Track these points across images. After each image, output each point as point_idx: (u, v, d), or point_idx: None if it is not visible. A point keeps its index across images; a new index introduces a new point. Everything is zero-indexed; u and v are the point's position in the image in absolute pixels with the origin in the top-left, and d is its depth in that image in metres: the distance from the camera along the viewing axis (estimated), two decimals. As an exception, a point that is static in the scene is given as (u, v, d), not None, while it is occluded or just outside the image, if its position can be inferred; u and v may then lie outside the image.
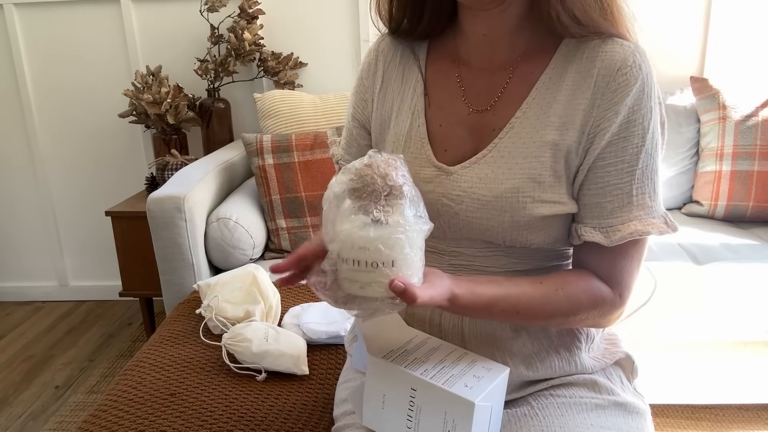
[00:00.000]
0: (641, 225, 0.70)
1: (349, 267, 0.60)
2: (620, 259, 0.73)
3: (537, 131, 0.72)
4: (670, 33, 2.17)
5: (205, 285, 1.41)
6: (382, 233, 0.59)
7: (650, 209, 0.71)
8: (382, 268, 0.58)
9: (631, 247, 0.72)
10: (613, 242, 0.70)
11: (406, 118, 0.80)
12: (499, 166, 0.72)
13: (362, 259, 0.58)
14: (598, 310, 0.73)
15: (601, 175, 0.71)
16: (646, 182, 0.71)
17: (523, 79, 0.74)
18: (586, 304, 0.72)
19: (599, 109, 0.70)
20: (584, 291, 0.72)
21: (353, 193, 0.60)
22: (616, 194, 0.71)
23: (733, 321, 1.56)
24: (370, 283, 0.59)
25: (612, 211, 0.71)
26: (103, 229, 2.53)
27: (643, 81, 0.69)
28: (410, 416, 0.67)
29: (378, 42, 0.87)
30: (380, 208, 0.59)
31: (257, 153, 1.84)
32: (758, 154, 1.86)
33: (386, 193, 0.59)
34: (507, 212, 0.72)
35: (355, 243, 0.59)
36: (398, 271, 0.59)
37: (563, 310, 0.71)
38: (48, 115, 2.49)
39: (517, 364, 0.77)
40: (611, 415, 0.76)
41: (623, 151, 0.70)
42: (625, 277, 0.73)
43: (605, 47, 0.70)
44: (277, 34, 2.31)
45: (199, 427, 0.97)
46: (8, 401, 1.96)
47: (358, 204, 0.60)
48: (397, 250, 0.59)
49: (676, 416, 1.72)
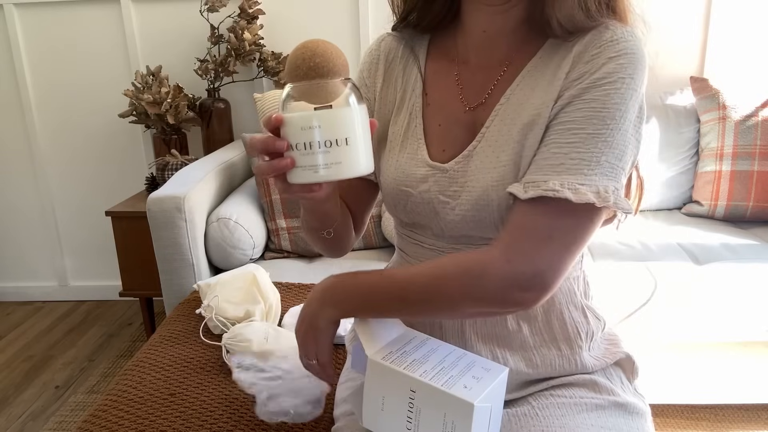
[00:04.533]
0: (560, 186, 0.64)
1: (300, 153, 0.60)
2: (528, 219, 0.65)
3: (519, 115, 0.71)
4: (670, 33, 2.17)
5: (205, 285, 1.41)
6: (330, 112, 0.60)
7: (582, 176, 0.64)
8: (336, 146, 0.59)
9: (542, 213, 0.65)
10: (527, 195, 0.65)
11: (404, 118, 0.81)
12: (488, 155, 0.72)
13: (314, 139, 0.59)
14: (468, 276, 0.65)
15: (550, 134, 0.68)
16: (590, 149, 0.65)
17: (514, 71, 0.75)
18: (451, 270, 0.67)
19: (569, 78, 0.68)
20: (453, 258, 0.69)
21: (295, 90, 0.62)
22: (554, 152, 0.66)
23: (733, 321, 1.56)
24: (328, 164, 0.60)
25: (541, 167, 0.66)
26: (103, 229, 2.53)
27: (619, 54, 0.66)
28: (410, 418, 0.68)
29: (379, 42, 0.87)
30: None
31: (257, 153, 1.84)
32: (758, 154, 1.86)
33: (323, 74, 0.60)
34: (494, 202, 0.70)
35: (304, 123, 0.59)
36: (354, 149, 0.61)
37: (429, 277, 0.67)
38: (48, 115, 2.49)
39: (517, 362, 0.77)
40: (611, 416, 0.76)
41: (576, 113, 0.66)
42: (522, 240, 0.65)
43: (593, 31, 0.69)
44: (277, 34, 2.31)
45: (199, 427, 0.97)
46: (8, 401, 1.96)
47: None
48: (348, 127, 0.60)
49: (676, 416, 1.72)
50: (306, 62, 0.60)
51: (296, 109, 0.62)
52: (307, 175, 0.61)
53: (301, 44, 0.62)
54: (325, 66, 0.60)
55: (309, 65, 0.60)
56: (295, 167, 0.61)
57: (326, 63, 0.60)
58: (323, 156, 0.60)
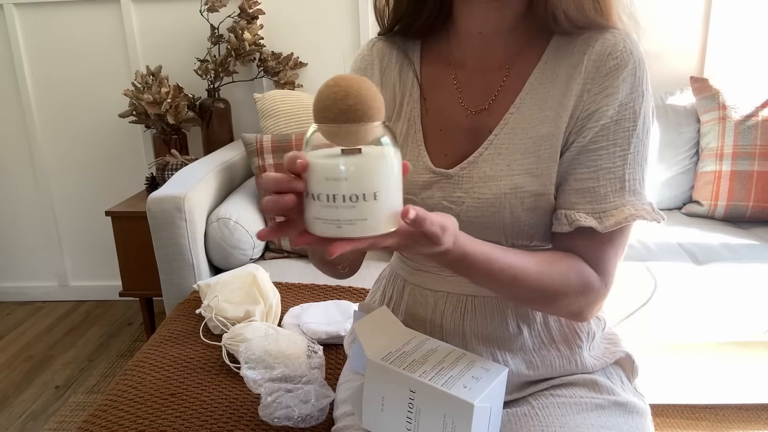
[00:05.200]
0: (634, 210, 0.69)
1: (322, 204, 0.52)
2: (608, 247, 0.71)
3: (533, 126, 0.72)
4: (670, 33, 2.17)
5: (205, 285, 1.41)
6: (360, 160, 0.52)
7: (640, 195, 0.71)
8: (363, 201, 0.52)
9: (618, 236, 0.71)
10: (606, 228, 0.69)
11: (402, 124, 0.80)
12: (497, 163, 0.72)
13: (339, 192, 0.51)
14: (585, 297, 0.71)
15: (594, 158, 0.70)
16: (636, 168, 0.70)
17: (518, 77, 0.74)
18: (575, 285, 0.70)
19: (590, 94, 0.70)
20: (577, 271, 0.70)
21: (322, 130, 0.54)
22: (609, 178, 0.70)
23: (733, 321, 1.56)
24: (352, 220, 0.52)
25: (605, 196, 0.70)
26: (103, 229, 2.53)
27: (635, 65, 0.69)
28: (410, 418, 0.68)
29: (370, 47, 0.84)
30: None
31: (257, 153, 1.84)
32: (758, 154, 1.86)
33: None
34: (506, 209, 0.71)
35: (330, 173, 0.52)
36: (382, 204, 0.52)
37: (555, 286, 0.69)
38: (48, 115, 2.49)
39: (518, 364, 0.77)
40: (611, 415, 0.76)
41: (615, 135, 0.70)
42: (610, 266, 0.72)
43: (596, 37, 0.71)
44: (277, 34, 2.31)
45: (199, 427, 0.97)
46: (8, 401, 1.96)
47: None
48: (379, 180, 0.52)
49: (675, 416, 1.72)
50: (337, 104, 0.52)
51: (325, 154, 0.54)
52: (327, 228, 0.53)
53: (332, 81, 0.54)
54: (359, 110, 0.52)
55: (340, 107, 0.52)
56: (315, 218, 0.53)
57: (361, 106, 0.52)
58: (348, 211, 0.52)
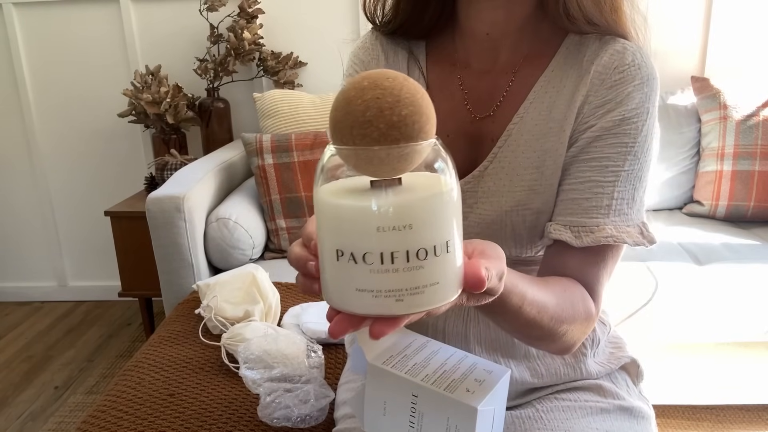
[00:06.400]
0: (616, 231, 0.65)
1: (371, 268, 0.35)
2: (592, 265, 0.66)
3: (537, 139, 0.68)
4: (671, 33, 2.16)
5: (204, 285, 1.40)
6: (410, 197, 0.35)
7: (626, 217, 0.66)
8: (434, 256, 0.35)
9: (607, 253, 0.67)
10: (583, 244, 0.65)
11: None
12: (501, 178, 0.69)
13: (400, 248, 0.34)
14: (588, 326, 0.66)
15: (583, 169, 0.66)
16: (627, 187, 0.66)
17: (524, 82, 0.71)
18: (581, 312, 0.64)
19: (590, 106, 0.67)
20: (582, 299, 0.65)
21: (352, 154, 0.36)
22: (596, 192, 0.65)
23: (733, 321, 1.55)
24: (419, 288, 0.36)
25: (587, 210, 0.66)
26: (103, 229, 2.52)
27: (642, 81, 0.66)
28: (412, 423, 0.67)
29: (374, 39, 0.78)
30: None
31: (257, 153, 1.84)
32: (759, 154, 1.85)
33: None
34: (508, 227, 0.69)
35: (380, 221, 0.34)
36: (454, 258, 0.37)
37: (567, 315, 0.62)
38: (47, 115, 2.48)
39: (521, 372, 0.76)
40: (616, 420, 0.75)
41: (611, 148, 0.65)
42: (602, 289, 0.67)
43: (606, 47, 0.67)
44: (276, 33, 2.31)
45: (198, 427, 0.97)
46: (7, 401, 1.96)
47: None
48: (449, 221, 0.36)
49: (676, 416, 1.72)
50: (385, 115, 0.35)
51: (349, 189, 0.37)
52: (384, 304, 0.37)
53: (367, 81, 0.36)
54: (417, 122, 0.35)
55: (391, 120, 0.35)
56: (358, 289, 0.37)
57: (419, 117, 0.36)
58: (412, 275, 0.36)
